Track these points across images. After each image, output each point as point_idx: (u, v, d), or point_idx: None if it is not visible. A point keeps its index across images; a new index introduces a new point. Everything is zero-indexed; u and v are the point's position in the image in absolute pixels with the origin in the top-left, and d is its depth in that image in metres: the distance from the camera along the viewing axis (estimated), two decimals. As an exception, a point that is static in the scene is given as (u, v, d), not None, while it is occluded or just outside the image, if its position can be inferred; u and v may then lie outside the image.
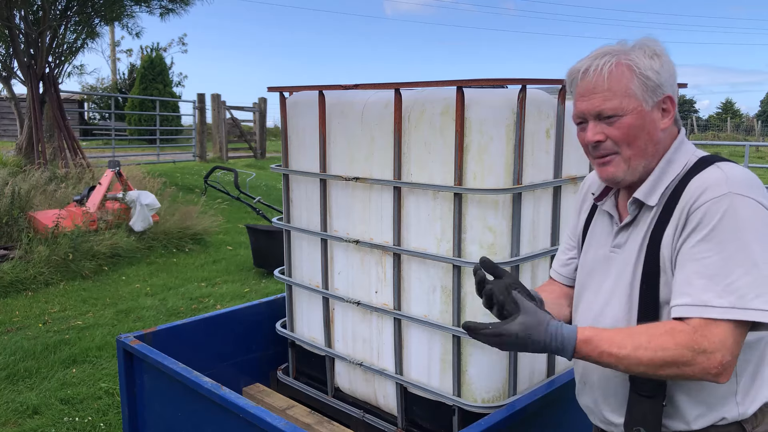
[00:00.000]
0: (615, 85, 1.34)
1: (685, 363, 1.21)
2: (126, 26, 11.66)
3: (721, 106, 48.65)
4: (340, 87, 2.30)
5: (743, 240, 1.22)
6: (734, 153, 20.61)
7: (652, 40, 1.39)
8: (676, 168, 1.38)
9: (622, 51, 1.37)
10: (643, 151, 1.38)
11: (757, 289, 1.20)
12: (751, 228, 1.23)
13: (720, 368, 1.20)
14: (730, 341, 1.20)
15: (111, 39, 24.62)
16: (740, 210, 1.24)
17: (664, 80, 1.35)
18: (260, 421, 1.73)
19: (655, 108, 1.36)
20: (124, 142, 19.18)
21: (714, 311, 1.21)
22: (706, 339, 1.21)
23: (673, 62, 1.38)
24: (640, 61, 1.35)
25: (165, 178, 10.55)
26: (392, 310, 2.28)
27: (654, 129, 1.37)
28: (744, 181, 1.28)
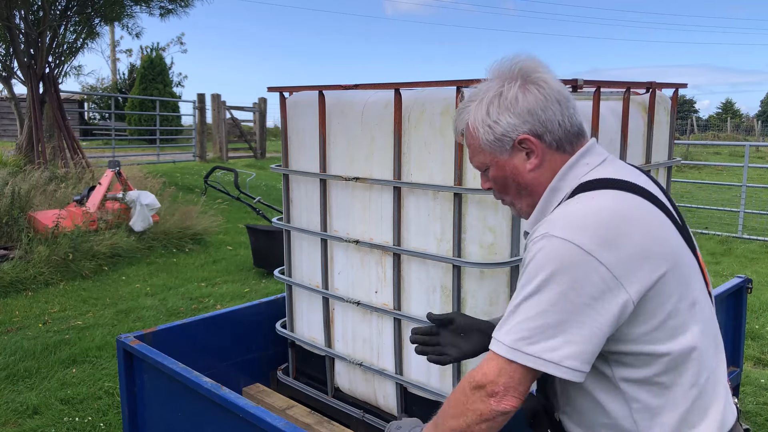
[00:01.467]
0: (470, 144, 1.37)
1: (465, 402, 1.22)
2: (126, 26, 11.67)
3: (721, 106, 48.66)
4: (340, 87, 2.30)
5: (542, 286, 1.16)
6: (734, 153, 20.59)
7: (513, 66, 1.32)
8: (559, 196, 1.31)
9: (471, 102, 1.34)
10: (518, 195, 1.37)
11: (537, 335, 1.16)
12: (554, 274, 1.15)
13: (495, 397, 1.19)
14: (502, 372, 1.18)
15: (111, 39, 24.64)
16: (550, 253, 1.17)
17: (507, 126, 1.29)
18: (260, 421, 1.73)
19: (515, 152, 1.31)
20: (124, 142, 19.19)
21: (495, 345, 1.20)
22: (481, 370, 1.21)
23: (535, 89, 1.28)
24: (476, 117, 1.32)
25: (165, 178, 10.56)
26: (392, 310, 2.28)
27: (518, 173, 1.33)
28: (575, 220, 1.19)
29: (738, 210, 9.34)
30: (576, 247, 1.15)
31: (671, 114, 2.67)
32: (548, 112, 1.28)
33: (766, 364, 4.55)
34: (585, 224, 1.18)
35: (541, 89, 1.28)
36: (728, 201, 11.27)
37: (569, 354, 1.15)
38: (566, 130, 1.30)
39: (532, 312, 1.17)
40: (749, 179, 9.50)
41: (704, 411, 1.26)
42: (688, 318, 1.23)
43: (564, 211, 1.24)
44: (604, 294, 1.15)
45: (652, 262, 1.18)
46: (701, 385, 1.25)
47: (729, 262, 7.68)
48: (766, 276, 6.93)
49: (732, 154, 20.53)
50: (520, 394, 1.20)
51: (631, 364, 1.23)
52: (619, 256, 1.16)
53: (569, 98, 1.31)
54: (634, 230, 1.18)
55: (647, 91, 2.49)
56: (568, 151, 1.32)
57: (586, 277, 1.14)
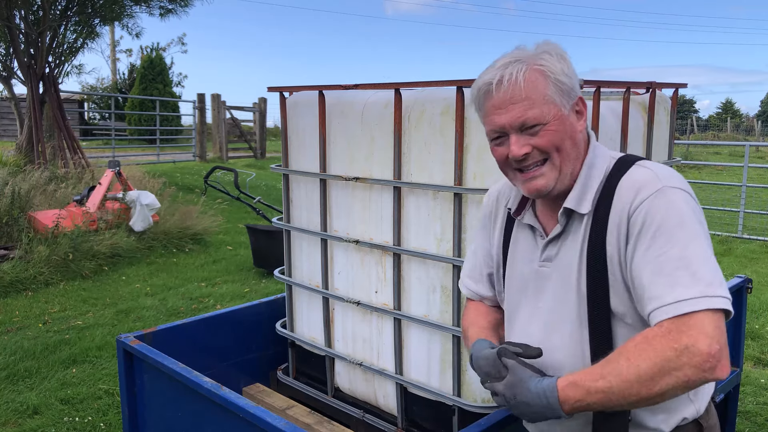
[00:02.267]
0: (533, 93, 1.28)
1: (674, 367, 1.11)
2: (126, 26, 11.67)
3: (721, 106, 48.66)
4: (340, 87, 2.30)
5: (691, 231, 1.20)
6: (734, 153, 20.59)
7: (554, 44, 1.35)
8: (599, 172, 1.34)
9: (531, 57, 1.31)
10: (569, 156, 1.33)
11: (718, 277, 1.17)
12: (693, 219, 1.22)
13: (711, 360, 1.09)
14: (709, 328, 1.11)
15: (111, 39, 24.64)
16: (679, 203, 1.23)
17: (575, 83, 1.33)
18: (260, 421, 1.73)
19: (572, 111, 1.33)
20: (124, 142, 19.18)
21: (686, 304, 1.13)
22: (684, 334, 1.11)
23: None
24: (553, 66, 1.30)
25: (165, 178, 10.56)
26: (392, 310, 2.28)
27: (575, 132, 1.34)
28: (672, 174, 1.29)
29: (738, 210, 9.34)
30: (689, 194, 1.26)
31: (671, 114, 2.67)
32: (578, 87, 1.35)
33: (766, 364, 4.55)
34: (681, 180, 1.29)
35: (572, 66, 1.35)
36: (728, 201, 11.27)
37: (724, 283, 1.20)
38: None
39: (700, 257, 1.18)
40: (749, 179, 9.50)
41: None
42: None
43: (656, 172, 1.29)
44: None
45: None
46: None
47: (729, 262, 7.68)
48: (766, 276, 6.93)
49: (732, 154, 20.52)
50: (728, 354, 1.14)
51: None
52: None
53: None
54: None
55: (647, 91, 2.49)
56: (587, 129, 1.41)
57: (702, 215, 1.26)
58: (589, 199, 1.32)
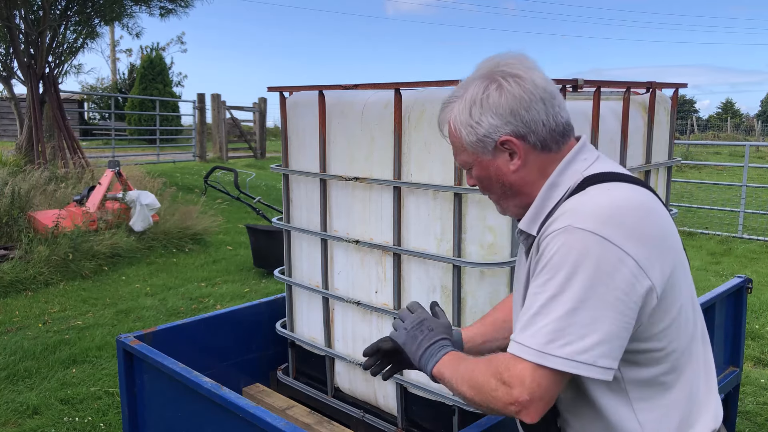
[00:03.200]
0: (454, 142, 1.34)
1: (490, 389, 1.19)
2: (126, 26, 11.67)
3: (721, 106, 48.68)
4: (340, 87, 2.30)
5: (569, 281, 1.12)
6: (734, 153, 20.59)
7: (494, 65, 1.29)
8: (560, 192, 1.26)
9: (455, 100, 1.32)
10: (503, 195, 1.34)
11: (568, 336, 1.11)
12: (582, 267, 1.11)
13: (517, 405, 1.15)
14: (528, 381, 1.14)
15: (111, 39, 24.65)
16: (574, 246, 1.13)
17: (489, 128, 1.25)
18: (260, 421, 1.73)
19: (498, 153, 1.28)
20: (124, 142, 19.19)
21: (520, 349, 1.15)
22: (509, 372, 1.16)
23: (517, 88, 1.24)
24: (460, 116, 1.29)
25: (165, 178, 10.56)
26: (392, 310, 2.28)
27: (502, 174, 1.30)
28: (596, 211, 1.15)
29: (738, 210, 9.34)
30: (603, 239, 1.11)
31: (671, 114, 2.67)
32: (532, 111, 1.24)
33: (766, 364, 4.55)
34: (609, 216, 1.14)
35: (525, 88, 1.24)
36: (728, 201, 11.27)
37: (602, 353, 1.11)
38: (551, 129, 1.26)
39: (561, 311, 1.12)
40: (749, 179, 9.50)
41: (700, 407, 1.28)
42: (690, 313, 1.25)
43: (582, 203, 1.19)
44: (633, 287, 1.12)
45: (669, 255, 1.18)
46: (698, 380, 1.27)
47: (729, 262, 7.69)
48: (766, 276, 6.93)
49: (732, 154, 20.52)
50: (546, 405, 1.16)
51: (642, 363, 1.21)
52: (646, 248, 1.13)
53: (555, 95, 1.26)
54: (654, 223, 1.18)
55: (647, 91, 2.49)
56: (554, 150, 1.28)
57: (616, 270, 1.11)
58: (539, 221, 1.28)
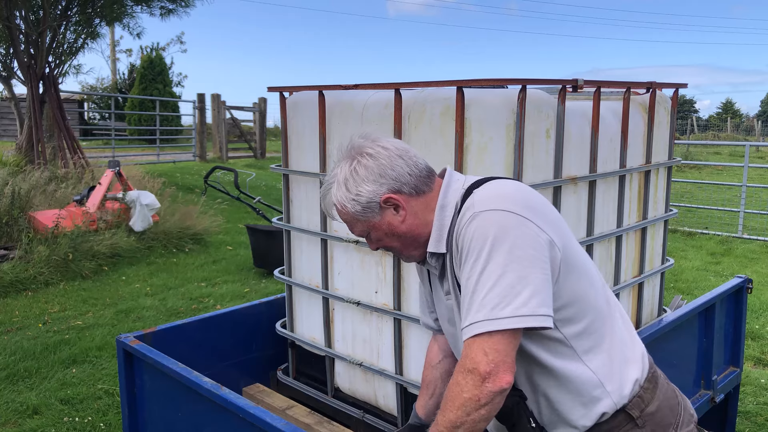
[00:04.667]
0: (346, 219, 1.51)
1: (461, 392, 1.27)
2: (127, 26, 11.66)
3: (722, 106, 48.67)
4: (340, 87, 2.30)
5: (489, 254, 1.28)
6: (734, 153, 20.59)
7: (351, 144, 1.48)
8: (450, 209, 1.45)
9: (331, 186, 1.48)
10: (405, 246, 1.50)
11: (505, 298, 1.25)
12: (495, 239, 1.29)
13: (488, 380, 1.24)
14: (487, 350, 1.25)
15: (111, 39, 24.63)
16: (483, 226, 1.31)
17: (368, 194, 1.43)
18: (260, 421, 1.73)
19: (384, 211, 1.46)
20: (124, 142, 19.18)
21: (472, 328, 1.27)
22: (468, 359, 1.27)
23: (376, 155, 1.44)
24: (341, 195, 1.46)
25: (165, 178, 10.56)
26: (392, 310, 2.28)
27: (394, 227, 1.47)
28: (489, 197, 1.36)
29: (738, 210, 9.34)
30: (506, 212, 1.31)
31: (671, 114, 2.67)
32: (396, 168, 1.44)
33: (766, 364, 4.55)
34: (504, 196, 1.36)
35: (380, 155, 1.44)
36: (728, 201, 11.26)
37: (538, 302, 1.26)
38: (417, 176, 1.46)
39: (492, 281, 1.27)
40: (749, 179, 9.50)
41: (634, 347, 1.49)
42: (593, 273, 1.45)
43: (477, 195, 1.38)
44: (540, 243, 1.30)
45: (556, 223, 1.37)
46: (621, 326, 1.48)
47: (729, 262, 7.68)
48: (766, 276, 6.93)
49: (732, 154, 20.52)
50: (510, 366, 1.27)
51: (573, 318, 1.38)
52: (539, 216, 1.33)
53: (407, 149, 1.48)
54: (542, 202, 1.40)
55: (647, 91, 2.49)
56: (426, 191, 1.47)
57: (523, 233, 1.29)
58: (443, 239, 1.45)
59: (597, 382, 1.40)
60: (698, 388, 2.82)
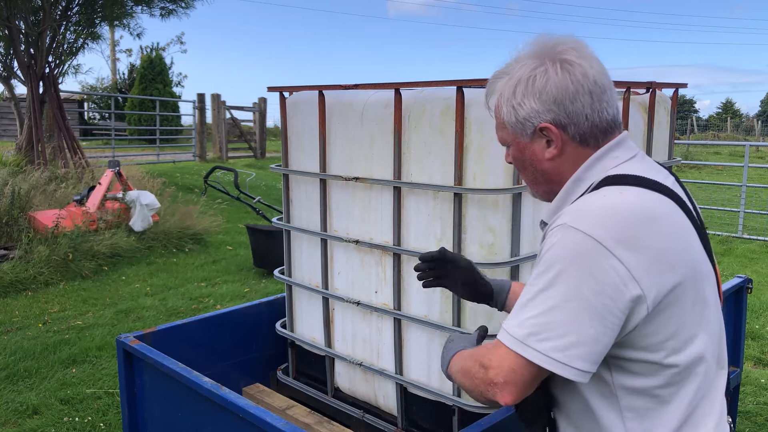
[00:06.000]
0: (498, 117, 1.33)
1: (474, 373, 1.25)
2: (127, 27, 11.66)
3: (721, 106, 48.70)
4: (340, 87, 2.30)
5: (557, 278, 1.13)
6: (734, 153, 20.60)
7: (549, 48, 1.25)
8: (583, 187, 1.26)
9: (503, 76, 1.30)
10: (534, 180, 1.34)
11: (548, 332, 1.12)
12: (570, 268, 1.12)
13: (492, 386, 1.18)
14: (505, 365, 1.17)
15: (111, 39, 24.62)
16: (564, 245, 1.14)
17: (530, 112, 1.25)
18: (260, 421, 1.73)
19: (536, 138, 1.28)
20: (124, 142, 19.18)
21: (504, 336, 1.18)
22: (490, 356, 1.21)
23: (565, 77, 1.22)
24: (504, 94, 1.28)
25: (165, 178, 10.56)
26: (392, 310, 2.28)
27: (537, 160, 1.30)
28: (594, 213, 1.15)
29: (738, 210, 9.34)
30: (596, 242, 1.11)
31: (671, 114, 2.67)
32: (576, 103, 1.22)
33: (766, 364, 4.55)
34: (608, 219, 1.13)
35: (575, 78, 1.22)
36: (728, 201, 11.26)
37: (579, 354, 1.11)
38: (593, 124, 1.24)
39: (545, 306, 1.13)
40: (749, 179, 9.50)
41: (695, 427, 1.22)
42: (698, 329, 1.19)
43: (588, 202, 1.18)
44: (620, 294, 1.10)
45: (673, 269, 1.14)
46: (698, 401, 1.21)
47: (729, 262, 7.68)
48: (766, 276, 6.93)
49: (732, 154, 20.52)
50: (520, 391, 1.17)
51: (635, 371, 1.19)
52: (640, 257, 1.11)
53: (606, 89, 1.24)
54: (660, 233, 1.14)
55: (647, 91, 2.49)
56: (592, 145, 1.26)
57: (604, 274, 1.10)
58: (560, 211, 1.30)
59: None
60: (698, 388, 2.81)
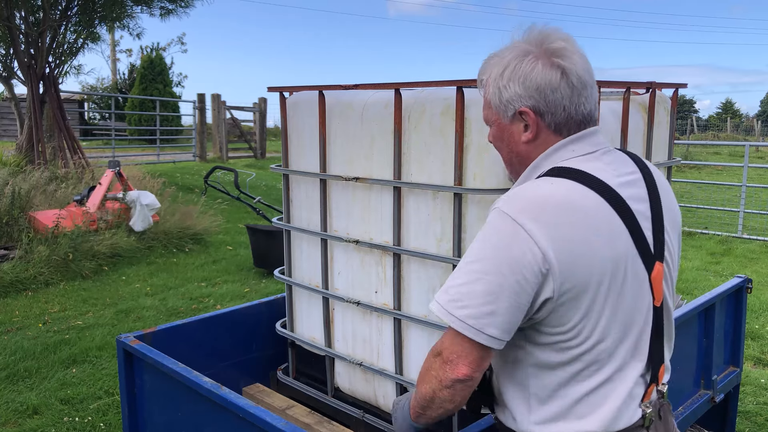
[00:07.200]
0: (484, 98, 1.41)
1: (430, 370, 1.29)
2: (127, 27, 11.66)
3: (721, 106, 48.69)
4: (340, 87, 2.30)
5: (481, 253, 1.24)
6: (734, 153, 20.59)
7: (538, 39, 1.31)
8: (537, 173, 1.34)
9: (495, 57, 1.37)
10: (509, 160, 1.43)
11: (466, 300, 1.22)
12: (493, 246, 1.23)
13: (445, 364, 1.25)
14: (454, 346, 1.25)
15: (111, 39, 24.62)
16: (492, 224, 1.25)
17: (513, 95, 1.32)
18: (260, 421, 1.73)
19: (515, 121, 1.35)
20: (124, 142, 19.18)
21: (433, 304, 1.27)
22: (440, 340, 1.29)
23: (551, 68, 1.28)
24: (493, 74, 1.35)
25: (165, 178, 10.56)
26: (392, 310, 2.28)
27: (513, 142, 1.38)
28: (523, 200, 1.24)
29: (738, 210, 9.34)
30: (518, 226, 1.20)
31: (671, 114, 2.67)
32: (557, 94, 1.29)
33: (766, 364, 4.55)
34: (534, 207, 1.22)
35: (559, 70, 1.28)
36: (728, 201, 11.27)
37: (491, 323, 1.21)
38: (569, 116, 1.31)
39: (468, 278, 1.23)
40: (749, 179, 9.50)
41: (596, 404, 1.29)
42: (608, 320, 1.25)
43: (522, 189, 1.29)
44: (534, 275, 1.19)
45: (586, 259, 1.21)
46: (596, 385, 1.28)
47: (729, 262, 7.68)
48: (766, 276, 6.93)
49: (732, 154, 20.52)
50: (471, 364, 1.24)
51: (543, 344, 1.28)
52: (557, 244, 1.19)
53: (587, 86, 1.31)
54: (579, 225, 1.21)
55: (647, 91, 2.49)
56: (564, 135, 1.33)
57: (522, 254, 1.19)
58: None
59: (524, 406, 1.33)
60: (698, 388, 2.82)
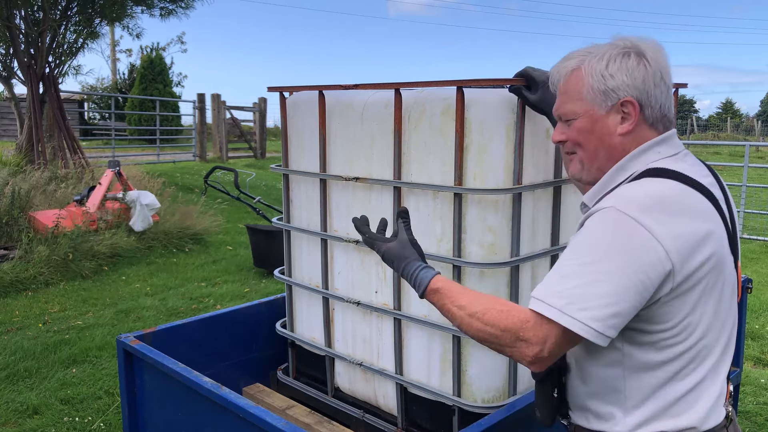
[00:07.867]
0: (571, 89, 1.39)
1: (506, 345, 1.29)
2: (126, 27, 11.67)
3: (721, 106, 48.70)
4: (340, 87, 2.30)
5: (596, 254, 1.24)
6: (734, 153, 20.60)
7: (634, 41, 1.37)
8: (623, 175, 1.36)
9: (587, 54, 1.38)
10: (594, 154, 1.40)
11: (587, 302, 1.22)
12: (616, 246, 1.23)
13: (533, 359, 1.27)
14: (551, 341, 1.25)
15: (111, 39, 24.63)
16: (610, 224, 1.25)
17: (620, 84, 1.34)
18: (260, 421, 1.73)
19: (612, 112, 1.36)
20: (124, 142, 19.19)
21: (544, 308, 1.25)
22: (532, 332, 1.26)
23: (652, 65, 1.35)
24: (592, 67, 1.36)
25: (165, 178, 10.56)
26: (392, 310, 2.28)
27: (606, 134, 1.37)
28: (638, 200, 1.26)
29: (738, 210, 9.33)
30: (638, 225, 1.22)
31: (671, 114, 2.67)
32: (657, 89, 1.35)
33: (766, 364, 4.55)
34: (650, 204, 1.24)
35: (655, 68, 1.34)
36: (728, 201, 11.24)
37: (615, 324, 1.22)
38: (663, 113, 1.37)
39: (588, 279, 1.23)
40: (749, 179, 9.50)
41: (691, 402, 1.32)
42: (708, 316, 1.30)
43: (632, 190, 1.29)
44: (656, 272, 1.22)
45: (698, 256, 1.25)
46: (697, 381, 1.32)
47: (729, 262, 7.67)
48: (766, 276, 6.93)
49: (732, 154, 20.53)
50: (552, 360, 1.28)
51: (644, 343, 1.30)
52: (677, 241, 1.23)
53: (670, 88, 1.39)
54: (692, 221, 1.26)
55: (647, 91, 2.49)
56: (659, 131, 1.38)
57: (646, 254, 1.21)
58: (599, 197, 1.38)
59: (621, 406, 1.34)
60: (698, 388, 2.81)
